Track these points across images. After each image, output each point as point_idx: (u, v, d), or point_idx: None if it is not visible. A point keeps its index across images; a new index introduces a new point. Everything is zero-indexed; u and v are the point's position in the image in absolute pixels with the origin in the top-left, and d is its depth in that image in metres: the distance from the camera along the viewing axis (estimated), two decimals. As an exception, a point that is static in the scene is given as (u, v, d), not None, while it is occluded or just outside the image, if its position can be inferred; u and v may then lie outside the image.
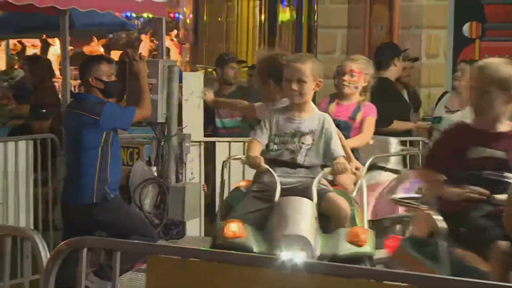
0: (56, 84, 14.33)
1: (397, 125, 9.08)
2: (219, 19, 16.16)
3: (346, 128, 7.33)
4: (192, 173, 8.92)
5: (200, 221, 8.70)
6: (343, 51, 13.54)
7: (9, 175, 8.67)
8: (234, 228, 6.19)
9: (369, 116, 7.55)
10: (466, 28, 11.58)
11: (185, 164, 8.52)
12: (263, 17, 15.34)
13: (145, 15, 11.78)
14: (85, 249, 3.67)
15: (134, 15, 14.29)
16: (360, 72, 7.56)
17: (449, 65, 10.42)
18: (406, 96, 9.88)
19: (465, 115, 6.92)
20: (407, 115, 9.56)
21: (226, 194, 7.38)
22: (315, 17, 14.14)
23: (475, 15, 11.57)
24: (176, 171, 8.34)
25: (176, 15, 21.21)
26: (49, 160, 9.04)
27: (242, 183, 7.04)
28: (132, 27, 21.95)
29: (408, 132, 9.52)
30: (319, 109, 6.91)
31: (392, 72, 9.31)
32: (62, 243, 3.70)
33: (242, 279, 2.94)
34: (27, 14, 12.44)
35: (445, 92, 9.96)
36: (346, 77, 7.47)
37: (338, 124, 6.88)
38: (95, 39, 23.27)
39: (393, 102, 9.08)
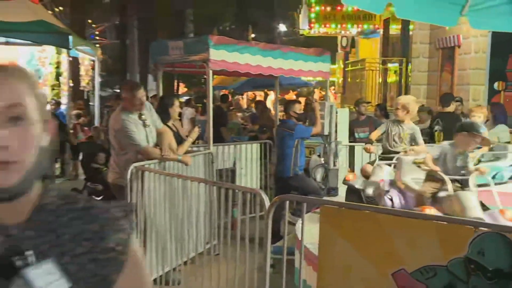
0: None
1: None
2: (357, 80, 15.98)
3: None
4: (341, 162, 8.81)
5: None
6: (424, 97, 13.24)
7: (248, 162, 8.83)
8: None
9: None
10: (496, 84, 11.13)
11: (338, 157, 8.44)
12: (380, 79, 15.11)
13: (317, 78, 11.70)
14: (288, 201, 3.70)
15: (312, 78, 14.23)
16: None
17: (485, 106, 9.82)
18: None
19: None
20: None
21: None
22: (409, 79, 13.83)
23: (501, 77, 11.12)
24: (333, 160, 8.28)
25: (334, 78, 21.07)
26: (268, 154, 9.14)
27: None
28: (310, 85, 22.01)
29: None
30: None
31: (451, 108, 8.94)
32: (275, 198, 3.71)
33: (376, 220, 2.88)
34: (258, 79, 12.65)
35: None
36: None
37: None
38: (291, 91, 23.45)
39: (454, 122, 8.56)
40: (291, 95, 22.50)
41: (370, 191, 5.85)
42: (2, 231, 1.16)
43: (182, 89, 27.69)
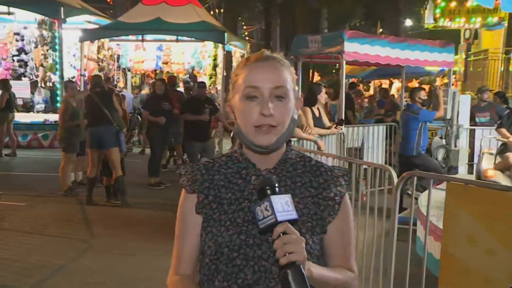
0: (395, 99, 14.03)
1: None
2: (478, 69, 14.92)
3: None
4: (462, 143, 8.26)
5: (464, 166, 8.06)
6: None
7: (374, 142, 8.55)
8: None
9: None
10: None
11: (459, 138, 7.94)
12: (502, 67, 13.98)
13: (442, 67, 11.04)
14: (415, 177, 3.56)
15: (436, 67, 13.47)
16: None
17: None
18: None
19: None
20: None
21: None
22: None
23: None
24: (454, 142, 7.81)
25: (455, 68, 19.74)
26: (392, 135, 8.83)
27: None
28: (433, 73, 20.80)
29: None
30: None
31: None
32: (403, 174, 3.54)
33: (502, 197, 2.68)
34: (384, 68, 12.21)
35: None
36: None
37: None
38: (414, 79, 22.33)
39: None
40: (414, 83, 21.49)
41: None
42: (257, 172, 1.43)
43: (316, 77, 27.57)
